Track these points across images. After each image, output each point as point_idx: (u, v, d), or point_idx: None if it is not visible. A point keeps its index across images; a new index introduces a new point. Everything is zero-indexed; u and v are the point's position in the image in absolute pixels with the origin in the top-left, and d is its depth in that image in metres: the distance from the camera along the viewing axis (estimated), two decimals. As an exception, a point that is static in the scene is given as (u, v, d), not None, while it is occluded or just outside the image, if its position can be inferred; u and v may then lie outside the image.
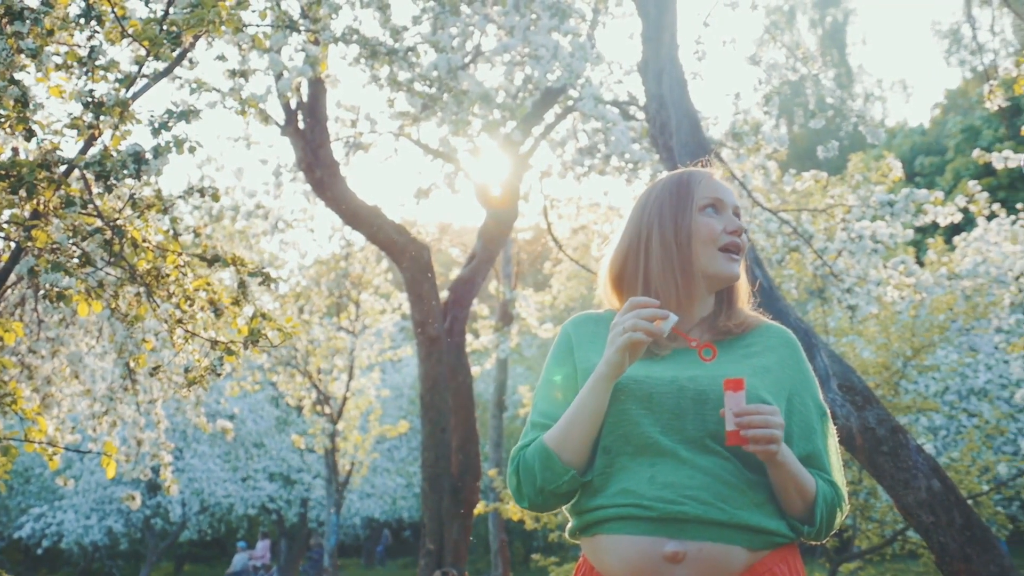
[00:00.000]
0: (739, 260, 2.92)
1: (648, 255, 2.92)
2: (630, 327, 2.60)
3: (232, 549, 33.03)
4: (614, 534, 2.66)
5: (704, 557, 2.57)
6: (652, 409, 2.68)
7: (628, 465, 2.68)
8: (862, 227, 11.86)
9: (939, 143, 40.72)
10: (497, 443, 21.29)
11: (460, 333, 11.99)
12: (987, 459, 15.38)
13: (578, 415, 2.69)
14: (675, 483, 2.61)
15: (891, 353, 14.72)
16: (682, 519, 2.58)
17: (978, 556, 5.57)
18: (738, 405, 2.56)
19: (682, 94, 7.17)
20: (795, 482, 2.66)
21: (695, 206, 2.90)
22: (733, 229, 2.90)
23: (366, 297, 21.35)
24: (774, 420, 2.54)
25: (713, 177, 2.99)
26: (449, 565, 11.08)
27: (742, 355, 2.87)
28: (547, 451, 2.71)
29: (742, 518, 2.61)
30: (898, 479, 5.70)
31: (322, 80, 10.40)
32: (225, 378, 18.34)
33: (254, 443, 33.15)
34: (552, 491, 2.73)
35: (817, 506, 2.71)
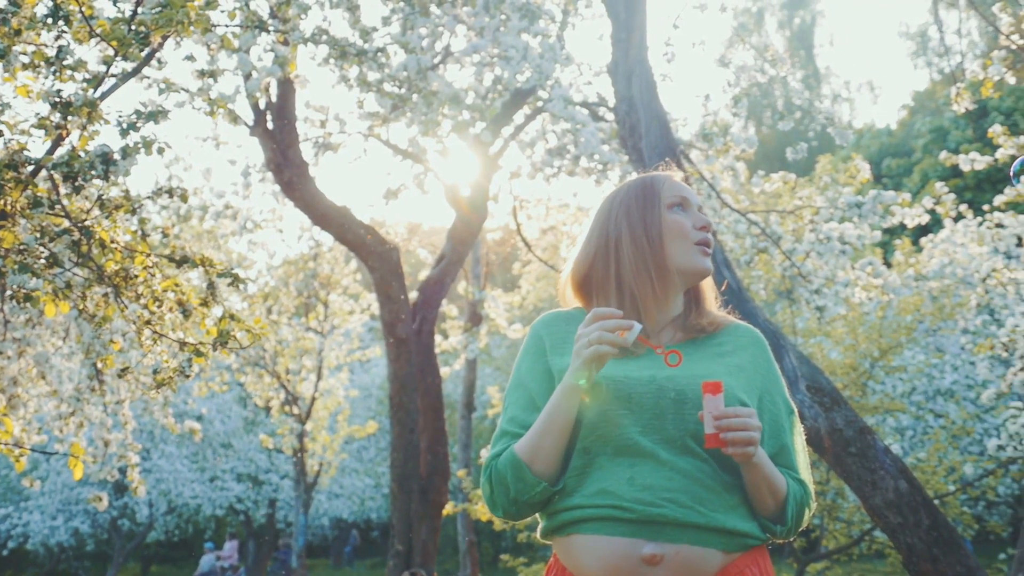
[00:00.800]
0: (710, 255, 2.94)
1: (619, 257, 2.91)
2: (595, 340, 2.59)
3: (199, 550, 32.88)
4: (591, 534, 2.65)
5: (681, 560, 2.58)
6: (632, 409, 2.68)
7: (606, 465, 2.68)
8: (830, 228, 11.90)
9: (906, 145, 40.92)
10: (466, 444, 21.29)
11: (429, 334, 11.98)
12: (953, 459, 15.46)
13: (548, 426, 2.68)
14: (654, 485, 2.61)
15: (859, 354, 14.78)
16: (661, 521, 2.58)
17: (944, 556, 5.60)
18: (717, 408, 2.56)
19: (651, 96, 7.19)
20: (768, 483, 2.67)
21: (663, 204, 2.92)
22: (702, 225, 2.92)
23: (335, 298, 21.31)
24: (752, 423, 2.55)
25: (675, 180, 3.00)
26: (418, 566, 11.07)
27: (715, 354, 2.88)
28: (518, 462, 2.71)
29: (719, 521, 2.62)
30: (866, 480, 5.72)
31: (291, 80, 10.38)
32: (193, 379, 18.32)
33: (222, 444, 33.04)
34: (526, 502, 2.73)
35: (788, 506, 2.73)
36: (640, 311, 2.86)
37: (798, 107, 10.66)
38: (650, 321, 2.88)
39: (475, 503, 15.26)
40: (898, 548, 5.77)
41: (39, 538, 31.73)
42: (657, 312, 2.89)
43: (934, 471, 14.17)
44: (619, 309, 2.80)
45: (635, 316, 2.85)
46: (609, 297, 2.90)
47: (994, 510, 22.57)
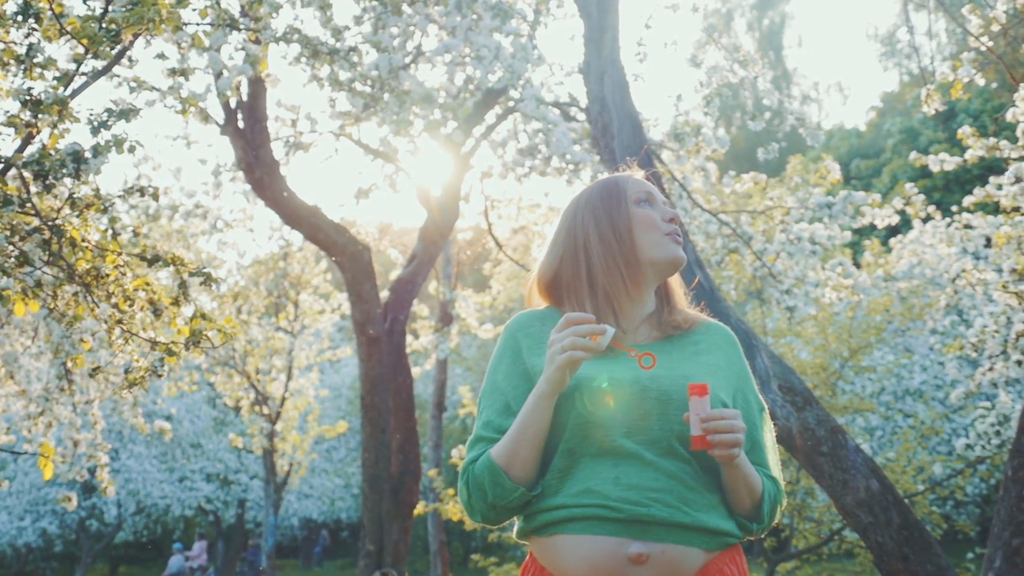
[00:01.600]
0: (682, 244, 2.94)
1: (589, 256, 2.92)
2: (568, 345, 2.59)
3: (168, 551, 32.81)
4: (576, 534, 2.65)
5: (666, 559, 2.60)
6: (617, 410, 2.68)
7: (590, 466, 2.68)
8: (801, 229, 11.94)
9: (876, 146, 41.12)
10: (437, 444, 21.27)
11: (400, 334, 11.96)
12: (922, 459, 15.53)
13: (524, 432, 2.69)
14: (640, 485, 2.62)
15: (828, 354, 14.83)
16: (648, 521, 2.59)
17: (915, 555, 5.62)
18: (704, 410, 2.58)
19: (624, 96, 7.19)
20: (746, 482, 2.71)
21: (629, 200, 2.93)
22: (670, 217, 2.93)
23: (305, 297, 21.27)
24: (738, 424, 2.58)
25: (639, 178, 3.02)
26: (389, 566, 11.05)
27: (692, 353, 2.89)
28: (495, 468, 2.70)
29: (702, 520, 2.64)
30: (837, 479, 5.74)
31: (262, 80, 10.34)
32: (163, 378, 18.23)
33: (191, 444, 32.97)
34: (504, 506, 2.73)
35: (764, 504, 2.76)
36: (615, 308, 2.87)
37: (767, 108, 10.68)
38: (624, 318, 2.89)
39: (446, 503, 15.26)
40: (869, 547, 5.79)
41: (6, 539, 31.60)
42: (631, 308, 2.91)
43: (903, 471, 14.23)
44: (593, 308, 2.85)
45: (609, 314, 2.86)
46: (582, 297, 2.91)
47: (962, 509, 22.70)
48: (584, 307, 2.87)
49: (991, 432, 10.89)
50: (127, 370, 5.23)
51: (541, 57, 9.31)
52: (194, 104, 5.98)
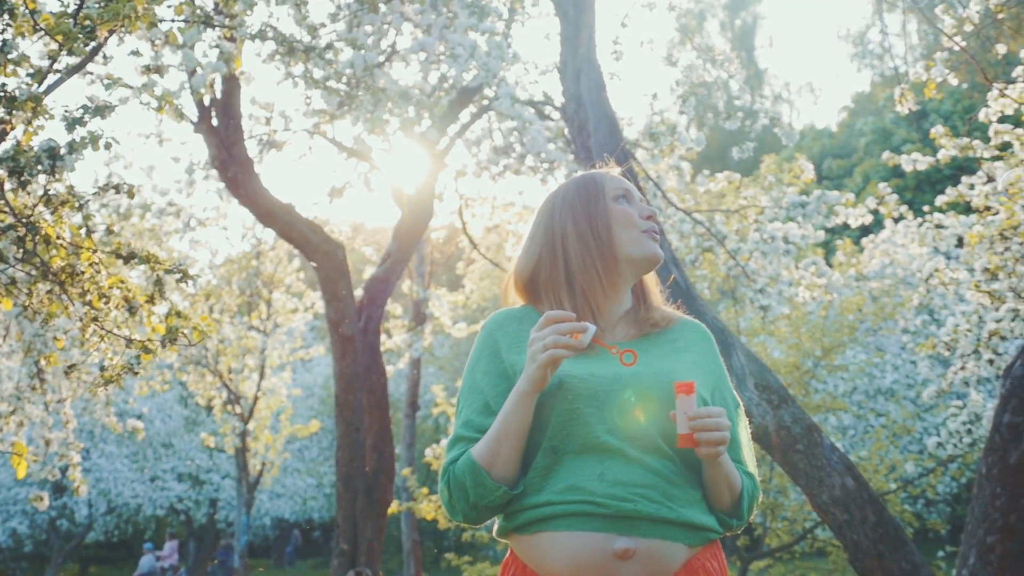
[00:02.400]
0: (659, 242, 2.95)
1: (566, 253, 2.92)
2: (550, 343, 2.59)
3: (139, 551, 32.67)
4: (561, 531, 2.66)
5: (651, 554, 2.61)
6: (599, 408, 2.69)
7: (574, 463, 2.68)
8: (774, 228, 11.97)
9: (847, 146, 41.28)
10: (410, 443, 21.27)
11: (375, 332, 11.93)
12: (894, 458, 15.59)
13: (505, 430, 2.68)
14: (625, 481, 2.63)
15: (801, 353, 14.88)
16: (634, 516, 2.60)
17: (890, 553, 5.65)
18: (690, 408, 2.59)
19: (600, 94, 7.21)
20: (727, 480, 2.73)
21: (607, 196, 2.93)
22: (648, 214, 2.93)
23: (278, 296, 21.21)
24: (724, 423, 2.60)
25: (616, 175, 3.03)
26: (363, 565, 11.02)
27: (672, 350, 2.90)
28: (476, 467, 2.70)
29: (686, 516, 2.66)
30: (812, 477, 5.76)
31: (236, 77, 10.30)
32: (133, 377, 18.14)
33: (162, 443, 32.85)
34: (486, 506, 2.73)
35: (743, 500, 2.79)
36: (592, 306, 2.87)
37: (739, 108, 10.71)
38: (602, 316, 2.89)
39: (420, 502, 15.23)
40: (844, 545, 5.82)
41: (-24, 539, 31.45)
42: (607, 306, 2.90)
43: (876, 470, 14.29)
44: (571, 306, 2.86)
45: (587, 311, 2.86)
46: (560, 295, 2.91)
47: (933, 508, 22.80)
48: (562, 305, 2.88)
49: (962, 431, 10.94)
50: (102, 368, 5.21)
51: (516, 55, 9.29)
52: (171, 101, 5.96)
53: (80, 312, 5.15)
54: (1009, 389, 5.67)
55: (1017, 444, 5.58)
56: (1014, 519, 5.57)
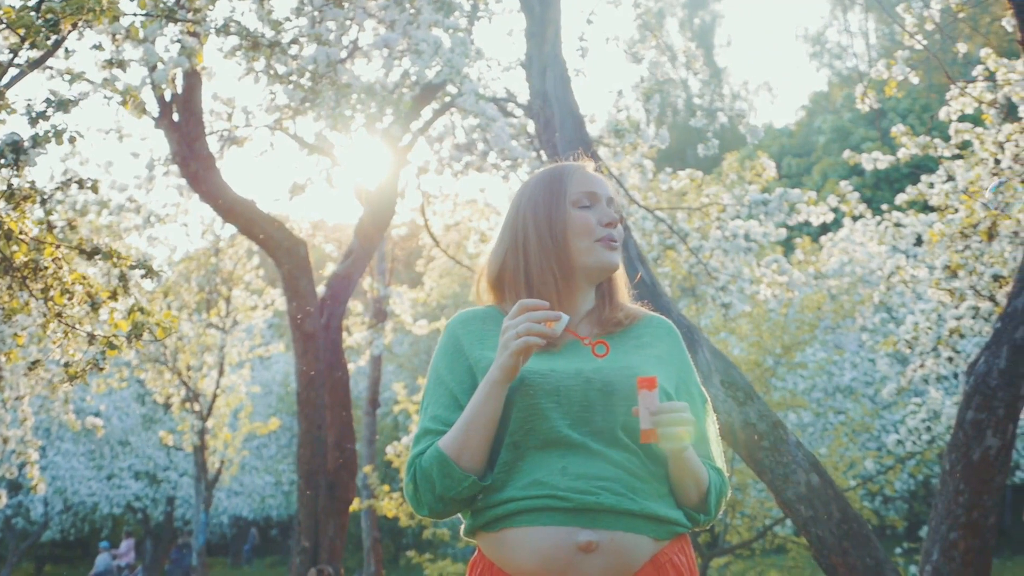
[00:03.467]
0: (617, 250, 2.93)
1: (527, 254, 2.92)
2: (523, 331, 2.59)
3: (95, 549, 32.43)
4: (525, 526, 2.66)
5: (615, 547, 2.61)
6: (560, 403, 2.69)
7: (536, 458, 2.69)
8: (736, 226, 12.01)
9: (806, 145, 41.51)
10: (371, 440, 21.21)
11: (337, 329, 11.88)
12: (853, 455, 15.68)
13: (474, 420, 2.68)
14: (588, 474, 2.64)
15: (762, 351, 14.93)
16: (596, 509, 2.61)
17: (854, 549, 5.68)
18: (653, 403, 2.59)
19: (566, 90, 7.21)
20: (693, 475, 2.74)
21: (568, 201, 2.91)
22: (608, 221, 2.90)
23: (237, 293, 21.10)
24: (687, 417, 2.59)
25: (585, 170, 2.99)
26: (325, 562, 10.98)
27: (636, 346, 2.90)
28: (444, 458, 2.68)
29: (650, 508, 2.66)
30: (778, 474, 5.78)
31: (197, 72, 10.24)
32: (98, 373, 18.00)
33: (119, 441, 32.64)
34: (452, 498, 2.71)
35: (711, 495, 2.79)
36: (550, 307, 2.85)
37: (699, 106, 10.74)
38: None
39: (380, 499, 15.21)
40: (809, 541, 5.84)
41: (-70, 537, 31.18)
42: (563, 309, 2.87)
43: (835, 467, 14.37)
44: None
45: None
46: (520, 294, 2.91)
47: (891, 505, 22.94)
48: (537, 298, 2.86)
49: (921, 428, 11.01)
50: (67, 364, 5.16)
51: (480, 52, 9.28)
52: (135, 96, 5.91)
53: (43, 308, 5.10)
54: (972, 386, 5.71)
55: (980, 441, 5.62)
56: (977, 515, 5.62)
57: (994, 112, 8.76)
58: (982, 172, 8.75)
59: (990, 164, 8.77)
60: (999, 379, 5.60)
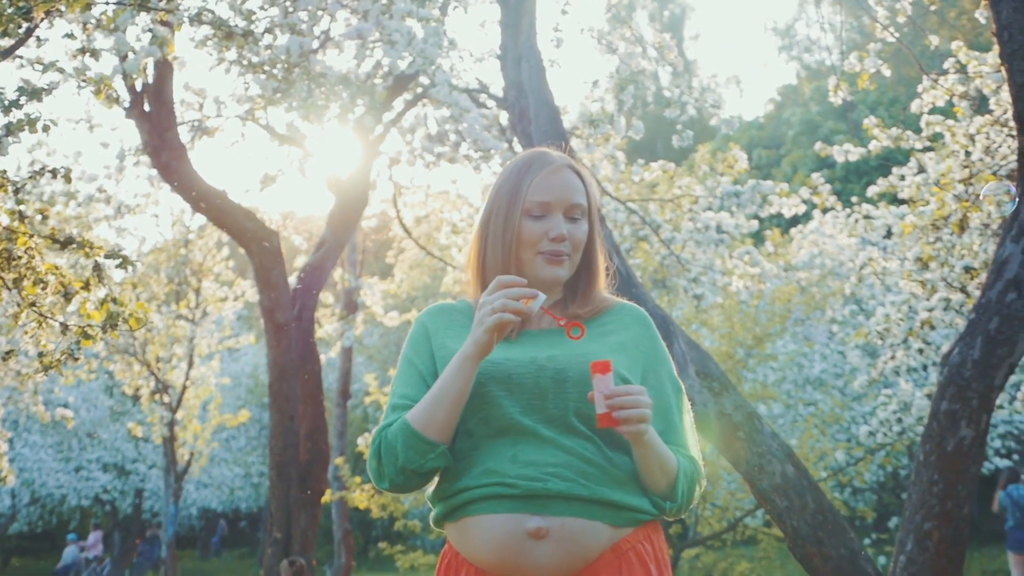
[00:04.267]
0: (562, 263, 2.89)
1: (486, 254, 2.95)
2: (499, 307, 2.60)
3: (63, 542, 32.30)
4: (479, 515, 2.69)
5: (567, 533, 2.63)
6: (512, 390, 2.72)
7: (490, 446, 2.72)
8: (708, 217, 12.02)
9: (775, 137, 41.62)
10: (341, 432, 21.16)
11: (309, 320, 11.84)
12: (824, 446, 15.75)
13: (443, 394, 2.69)
14: (537, 461, 2.66)
15: (733, 342, 14.97)
16: (544, 495, 2.62)
17: (829, 539, 5.70)
18: (607, 387, 2.59)
19: (541, 81, 7.20)
20: (659, 460, 2.72)
21: (521, 209, 2.89)
22: (555, 236, 2.87)
23: (207, 285, 21.05)
24: (643, 400, 2.60)
25: (547, 175, 2.92)
26: (296, 554, 10.95)
27: (598, 334, 2.90)
28: (411, 429, 2.70)
29: (603, 494, 2.66)
30: (753, 464, 5.80)
31: (168, 62, 10.18)
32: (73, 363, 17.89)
33: (87, 433, 32.51)
34: (414, 470, 2.72)
35: (679, 482, 2.78)
36: None
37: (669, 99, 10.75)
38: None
39: (352, 490, 15.17)
40: (784, 531, 5.85)
41: None
42: None
43: (806, 458, 14.43)
44: None
45: None
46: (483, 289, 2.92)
47: (860, 496, 23.07)
48: None
49: (893, 419, 11.06)
50: (41, 354, 5.13)
51: (453, 42, 9.26)
52: (109, 85, 5.87)
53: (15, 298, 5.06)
54: (947, 377, 5.73)
55: (954, 431, 5.65)
56: (951, 506, 5.64)
57: (965, 104, 8.80)
58: (953, 164, 8.78)
59: (961, 156, 8.80)
60: (973, 370, 5.63)
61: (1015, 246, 5.71)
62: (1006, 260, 5.72)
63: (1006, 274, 5.70)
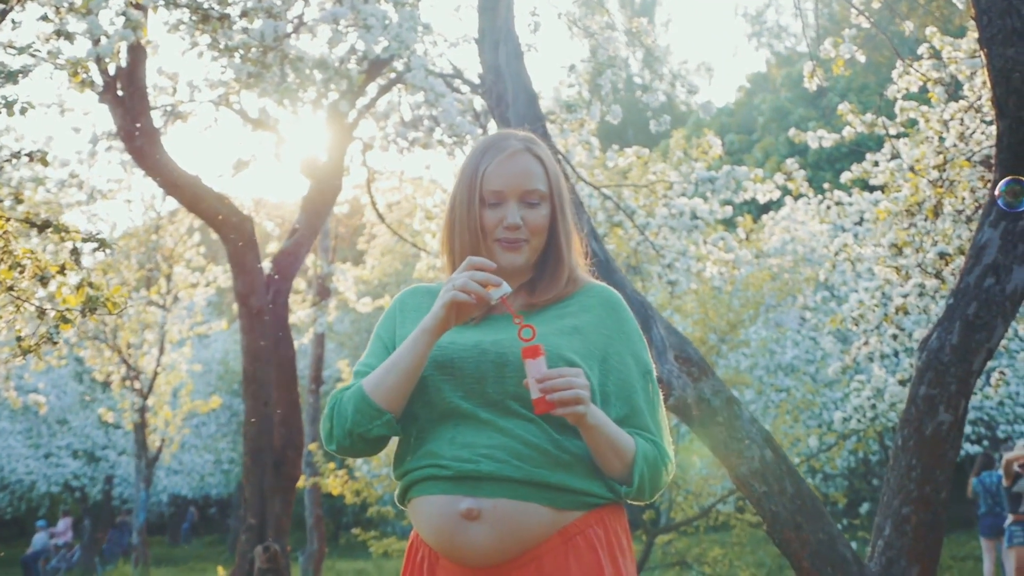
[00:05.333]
0: (518, 250, 2.91)
1: (452, 239, 2.98)
2: (459, 286, 2.64)
3: (32, 528, 32.16)
4: (421, 496, 2.76)
5: (499, 515, 2.65)
6: (455, 374, 2.76)
7: (434, 430, 2.76)
8: (682, 203, 12.03)
9: (746, 123, 41.72)
10: (314, 418, 21.11)
11: (283, 306, 11.83)
12: (797, 432, 15.79)
13: (395, 364, 2.74)
14: (473, 443, 2.69)
15: (707, 328, 14.99)
16: (475, 477, 2.66)
17: (807, 523, 5.72)
18: (539, 371, 2.58)
19: (519, 65, 7.17)
20: (610, 443, 2.70)
21: (478, 198, 2.90)
22: (508, 224, 2.88)
23: (178, 270, 20.97)
24: (578, 381, 2.58)
25: (503, 161, 2.92)
26: (271, 540, 10.94)
27: (553, 317, 2.89)
28: (362, 393, 2.76)
29: (540, 476, 2.66)
30: (732, 449, 5.80)
31: (142, 46, 10.12)
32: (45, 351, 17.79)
33: (57, 419, 32.39)
34: (361, 435, 2.76)
35: (636, 465, 2.74)
36: None
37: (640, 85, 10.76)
38: None
39: (325, 476, 15.15)
40: (762, 516, 5.86)
41: None
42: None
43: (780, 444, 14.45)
44: None
45: None
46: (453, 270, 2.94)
47: (830, 482, 23.17)
48: None
49: (867, 405, 11.09)
50: (19, 338, 5.10)
51: (429, 27, 9.23)
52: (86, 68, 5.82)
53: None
54: (925, 362, 5.75)
55: (932, 416, 5.67)
56: (929, 490, 5.66)
57: (940, 90, 8.82)
58: (927, 150, 8.80)
59: (935, 142, 8.83)
60: (951, 355, 5.65)
61: (993, 231, 5.73)
62: (984, 245, 5.74)
63: (984, 259, 5.71)
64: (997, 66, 5.67)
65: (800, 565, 5.74)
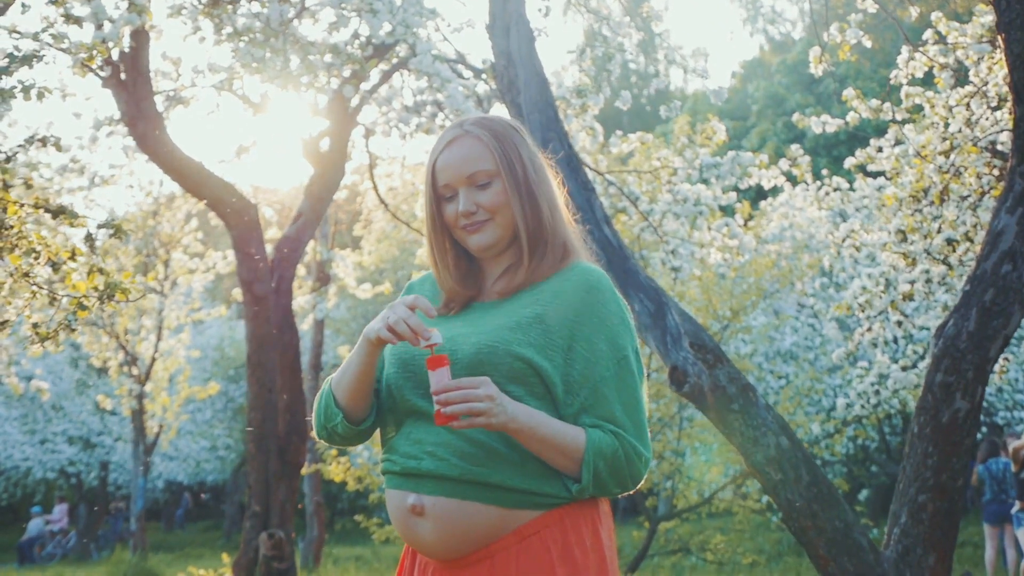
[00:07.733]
0: (481, 230, 2.88)
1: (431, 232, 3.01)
2: (392, 323, 2.63)
3: (27, 514, 32.16)
4: (386, 490, 2.85)
5: (440, 512, 2.67)
6: (415, 374, 2.79)
7: (399, 425, 2.83)
8: (686, 189, 11.99)
9: (741, 110, 41.74)
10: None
11: (287, 292, 11.81)
12: (799, 419, 15.79)
13: (348, 367, 2.81)
14: (422, 440, 2.73)
15: (710, 315, 14.97)
16: (417, 474, 2.71)
17: (823, 512, 5.70)
18: (439, 383, 2.56)
19: (530, 51, 7.13)
20: (550, 443, 2.65)
21: (435, 197, 2.93)
22: (462, 212, 2.86)
23: (176, 256, 20.93)
24: (475, 394, 2.55)
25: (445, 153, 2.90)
26: (275, 527, 10.93)
27: (525, 303, 2.82)
28: (328, 390, 2.87)
29: (482, 475, 2.66)
30: (748, 436, 5.77)
31: (146, 31, 10.07)
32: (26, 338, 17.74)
33: (53, 405, 32.36)
34: (331, 428, 2.89)
35: (586, 461, 2.67)
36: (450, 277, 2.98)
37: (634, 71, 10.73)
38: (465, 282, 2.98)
39: (328, 463, 15.14)
40: (778, 504, 5.84)
41: None
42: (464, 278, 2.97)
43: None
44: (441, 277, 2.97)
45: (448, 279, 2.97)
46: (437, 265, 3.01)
47: (829, 468, 23.17)
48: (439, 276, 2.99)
49: (870, 391, 11.09)
50: (36, 325, 5.07)
51: (434, 11, 9.19)
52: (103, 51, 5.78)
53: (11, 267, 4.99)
54: (941, 349, 5.73)
55: (949, 404, 5.65)
56: (945, 478, 5.65)
57: (947, 75, 8.79)
58: (933, 136, 8.78)
59: (940, 128, 8.80)
60: (968, 342, 5.63)
61: (1010, 217, 5.71)
62: (1001, 231, 5.72)
63: (1001, 245, 5.70)
64: (1015, 51, 5.66)
65: (816, 553, 5.73)
